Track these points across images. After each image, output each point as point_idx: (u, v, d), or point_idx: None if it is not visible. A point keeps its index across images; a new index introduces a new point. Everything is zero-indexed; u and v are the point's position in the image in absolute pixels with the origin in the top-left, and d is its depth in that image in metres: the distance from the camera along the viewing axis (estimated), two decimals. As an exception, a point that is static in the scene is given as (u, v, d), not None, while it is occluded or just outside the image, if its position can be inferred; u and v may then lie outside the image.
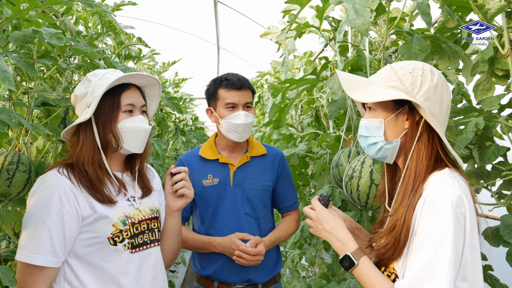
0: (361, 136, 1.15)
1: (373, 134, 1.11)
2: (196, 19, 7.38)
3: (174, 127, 3.98)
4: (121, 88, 1.28)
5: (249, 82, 1.79)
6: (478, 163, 1.38)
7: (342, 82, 1.14)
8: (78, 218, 1.17)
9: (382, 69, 1.13)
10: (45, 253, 1.11)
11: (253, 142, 1.91)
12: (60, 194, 1.15)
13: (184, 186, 1.36)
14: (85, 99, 1.24)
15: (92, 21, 1.99)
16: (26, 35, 1.18)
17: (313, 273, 3.41)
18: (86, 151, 1.24)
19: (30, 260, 1.10)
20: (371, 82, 1.12)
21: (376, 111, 1.11)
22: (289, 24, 1.67)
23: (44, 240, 1.11)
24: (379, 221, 1.19)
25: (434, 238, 0.93)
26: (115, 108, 1.26)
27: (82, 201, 1.19)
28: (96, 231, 1.19)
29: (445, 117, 1.06)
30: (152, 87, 1.41)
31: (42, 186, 1.17)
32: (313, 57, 2.97)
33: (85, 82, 1.27)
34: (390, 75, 1.08)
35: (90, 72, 1.31)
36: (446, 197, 0.94)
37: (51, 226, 1.12)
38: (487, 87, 1.45)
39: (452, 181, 0.97)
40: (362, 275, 1.04)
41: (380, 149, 1.11)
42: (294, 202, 1.93)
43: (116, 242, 1.21)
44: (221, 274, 1.78)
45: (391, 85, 1.06)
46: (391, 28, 1.56)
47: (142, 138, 1.31)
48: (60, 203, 1.14)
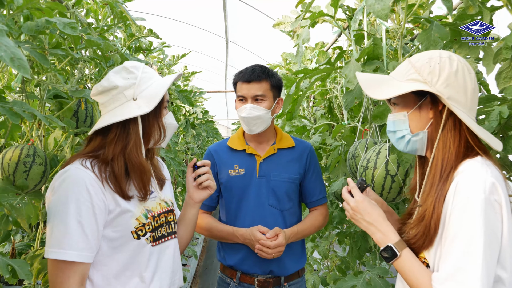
0: (390, 132, 1.16)
1: (400, 128, 1.11)
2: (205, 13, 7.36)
3: (184, 120, 3.97)
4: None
5: (266, 74, 1.75)
6: (501, 153, 1.34)
7: (360, 82, 1.14)
8: (106, 211, 1.15)
9: (400, 64, 1.13)
10: (78, 248, 1.07)
11: (282, 134, 1.91)
12: (87, 187, 1.11)
13: (208, 179, 1.40)
14: (130, 91, 1.20)
15: (102, 13, 1.97)
16: (39, 25, 1.16)
17: (325, 266, 3.39)
18: (133, 144, 1.20)
19: (64, 257, 1.06)
20: (390, 79, 1.11)
21: (400, 105, 1.12)
22: (303, 12, 1.63)
23: (77, 235, 1.08)
24: (408, 211, 1.18)
25: (466, 229, 0.91)
26: (161, 103, 1.26)
27: (107, 194, 1.16)
28: (120, 225, 1.17)
29: (472, 101, 1.03)
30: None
31: (67, 180, 1.12)
32: (325, 47, 2.93)
33: (123, 73, 1.22)
34: (408, 68, 1.07)
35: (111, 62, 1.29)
36: (478, 185, 0.92)
37: (83, 221, 1.09)
38: (510, 75, 1.40)
39: (484, 169, 0.95)
40: (405, 266, 1.04)
41: (408, 142, 1.11)
42: (322, 197, 1.91)
43: (140, 236, 1.20)
44: (243, 264, 1.79)
45: (410, 78, 1.06)
46: (410, 15, 1.52)
47: (172, 134, 1.34)
48: (89, 196, 1.11)
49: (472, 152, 1.02)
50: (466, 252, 0.90)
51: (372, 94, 1.10)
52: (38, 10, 1.22)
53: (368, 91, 1.11)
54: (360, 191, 1.17)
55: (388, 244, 1.06)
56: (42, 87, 1.49)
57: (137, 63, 1.26)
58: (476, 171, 0.95)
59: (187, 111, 4.14)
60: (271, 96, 1.77)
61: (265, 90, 1.75)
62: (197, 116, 4.28)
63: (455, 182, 0.96)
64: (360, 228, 1.16)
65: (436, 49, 1.37)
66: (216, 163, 1.86)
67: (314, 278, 2.71)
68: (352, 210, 1.15)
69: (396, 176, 1.39)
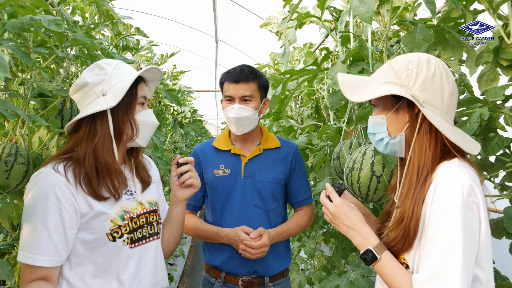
0: (370, 134, 1.17)
1: (379, 131, 1.13)
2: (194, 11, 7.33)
3: (172, 119, 3.96)
4: (135, 80, 1.26)
5: (254, 74, 1.75)
6: (482, 155, 1.37)
7: (340, 84, 1.14)
8: (77, 215, 1.15)
9: (382, 66, 1.14)
10: (45, 253, 1.08)
11: (268, 135, 1.91)
12: (56, 192, 1.11)
13: (191, 177, 1.37)
14: (100, 87, 1.19)
15: (89, 11, 1.96)
16: (23, 23, 1.14)
17: (312, 265, 3.41)
18: (101, 141, 1.19)
19: (31, 261, 1.08)
20: (370, 81, 1.12)
21: (379, 108, 1.13)
22: (290, 13, 1.64)
23: (44, 240, 1.09)
24: (385, 211, 1.19)
25: (445, 231, 0.92)
26: (133, 99, 1.24)
27: (80, 198, 1.15)
28: (95, 227, 1.17)
29: (449, 105, 1.04)
30: (153, 81, 1.39)
31: (37, 184, 1.13)
32: (313, 48, 2.94)
33: (96, 69, 1.22)
34: (388, 70, 1.08)
35: (96, 61, 1.28)
36: (456, 187, 0.93)
37: (49, 226, 1.09)
38: (491, 78, 1.43)
39: (462, 171, 0.96)
40: (386, 269, 1.04)
41: (387, 145, 1.12)
42: (307, 197, 1.92)
43: (115, 238, 1.19)
44: (228, 265, 1.79)
45: (388, 81, 1.07)
46: (394, 17, 1.54)
47: (151, 132, 1.31)
48: (57, 201, 1.11)
49: (449, 155, 1.03)
50: (446, 254, 0.92)
51: (350, 97, 1.11)
52: (21, 8, 1.21)
53: (346, 93, 1.11)
54: (338, 194, 1.17)
55: (368, 247, 1.07)
56: (27, 85, 1.48)
57: (109, 60, 1.26)
58: (454, 174, 0.96)
59: (175, 110, 4.13)
60: (259, 96, 1.78)
61: (253, 91, 1.75)
62: (185, 115, 4.27)
63: (434, 185, 0.98)
64: (340, 232, 1.17)
65: (420, 51, 1.39)
66: (201, 163, 1.86)
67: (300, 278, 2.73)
68: (332, 214, 1.15)
69: (382, 177, 1.41)
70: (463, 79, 1.74)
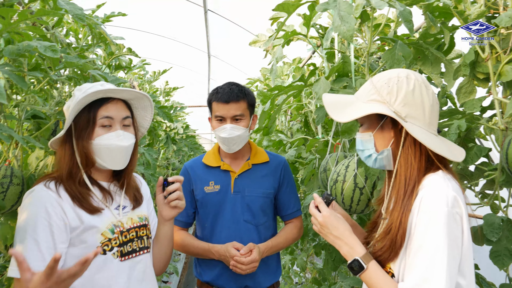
0: (358, 150, 1.20)
1: (367, 147, 1.16)
2: (187, 28, 7.40)
3: (165, 136, 3.99)
4: (100, 102, 1.26)
5: (243, 93, 1.77)
6: (461, 164, 1.42)
7: (326, 105, 1.17)
8: (67, 229, 1.18)
9: (364, 84, 1.17)
10: (35, 266, 1.08)
11: (257, 149, 1.93)
12: (46, 207, 1.15)
13: (178, 198, 1.36)
14: (67, 113, 1.25)
15: (82, 32, 2.01)
16: (20, 49, 1.20)
17: (306, 279, 3.42)
18: (65, 165, 1.24)
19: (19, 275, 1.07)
20: (355, 100, 1.16)
21: (365, 125, 1.17)
22: (276, 32, 1.70)
23: (33, 254, 1.10)
24: (373, 221, 1.22)
25: (431, 241, 0.96)
26: (90, 123, 1.24)
27: (70, 212, 1.19)
28: (86, 241, 1.20)
29: (430, 117, 1.07)
30: (140, 99, 1.38)
31: (30, 201, 1.17)
32: (301, 63, 3.01)
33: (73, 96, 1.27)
34: (370, 88, 1.12)
35: (89, 81, 1.32)
36: (441, 199, 0.98)
37: (39, 240, 1.12)
38: (469, 90, 1.49)
39: (446, 183, 1.01)
40: (372, 278, 1.07)
41: (375, 160, 1.15)
42: (296, 210, 1.94)
43: (105, 251, 1.22)
44: (219, 280, 1.80)
45: (371, 99, 1.10)
46: (376, 34, 1.60)
47: (118, 155, 1.27)
48: (47, 216, 1.15)
49: (434, 166, 1.07)
50: (431, 263, 0.95)
51: (335, 117, 1.14)
52: (17, 34, 1.26)
53: (331, 113, 1.14)
54: (326, 205, 1.20)
55: (355, 257, 1.09)
56: (21, 107, 1.51)
57: (85, 84, 1.29)
58: (439, 186, 1.00)
59: (168, 126, 4.17)
60: (248, 114, 1.80)
61: (243, 109, 1.76)
62: (177, 131, 4.30)
63: (420, 197, 1.02)
64: (328, 242, 1.20)
65: (400, 67, 1.44)
66: (192, 180, 1.88)
67: (294, 290, 2.74)
68: (320, 225, 1.17)
69: (364, 189, 1.45)
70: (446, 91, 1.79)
